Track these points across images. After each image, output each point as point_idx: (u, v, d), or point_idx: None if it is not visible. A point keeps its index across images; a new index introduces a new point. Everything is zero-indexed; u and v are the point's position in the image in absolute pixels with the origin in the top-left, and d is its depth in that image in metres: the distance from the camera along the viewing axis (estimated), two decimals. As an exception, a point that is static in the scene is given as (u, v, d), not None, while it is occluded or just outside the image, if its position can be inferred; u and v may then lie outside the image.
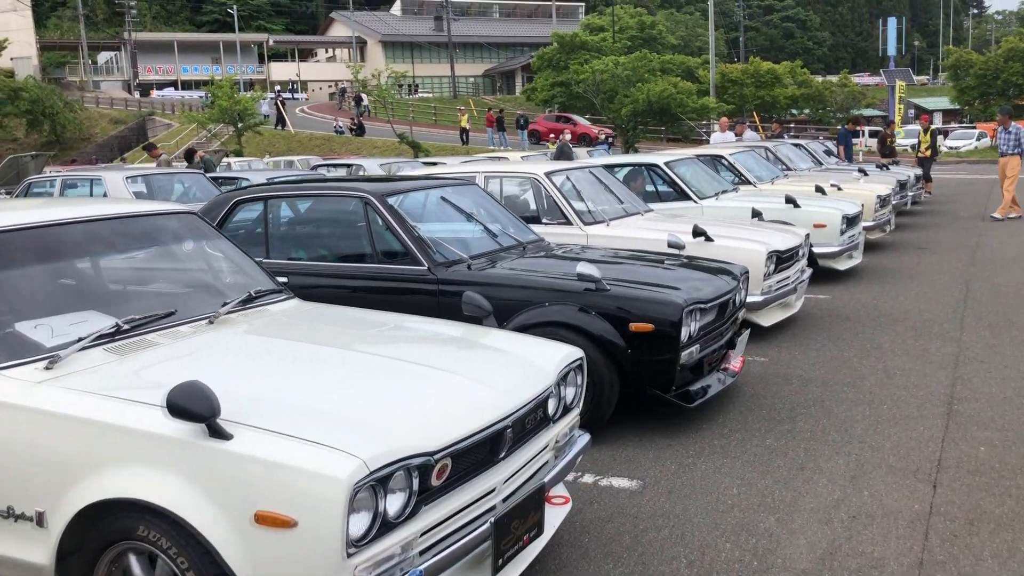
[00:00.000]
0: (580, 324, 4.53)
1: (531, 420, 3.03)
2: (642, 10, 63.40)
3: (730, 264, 5.56)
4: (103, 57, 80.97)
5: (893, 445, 4.43)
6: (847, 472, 4.12)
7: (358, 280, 5.09)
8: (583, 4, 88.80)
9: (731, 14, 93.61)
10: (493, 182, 7.54)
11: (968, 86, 40.18)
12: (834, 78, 47.96)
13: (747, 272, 5.60)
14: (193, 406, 2.33)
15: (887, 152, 19.31)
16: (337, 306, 3.90)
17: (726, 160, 11.35)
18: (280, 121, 42.07)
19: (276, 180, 7.74)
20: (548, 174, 7.19)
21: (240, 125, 37.19)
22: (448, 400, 2.74)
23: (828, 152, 16.49)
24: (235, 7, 66.17)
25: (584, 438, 3.50)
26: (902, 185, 13.46)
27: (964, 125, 40.68)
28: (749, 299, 6.39)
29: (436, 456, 2.50)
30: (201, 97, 53.18)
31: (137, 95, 67.25)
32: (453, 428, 2.61)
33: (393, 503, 2.39)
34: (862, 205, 10.07)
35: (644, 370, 4.53)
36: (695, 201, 9.13)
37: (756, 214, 8.01)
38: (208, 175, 12.81)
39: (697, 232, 6.56)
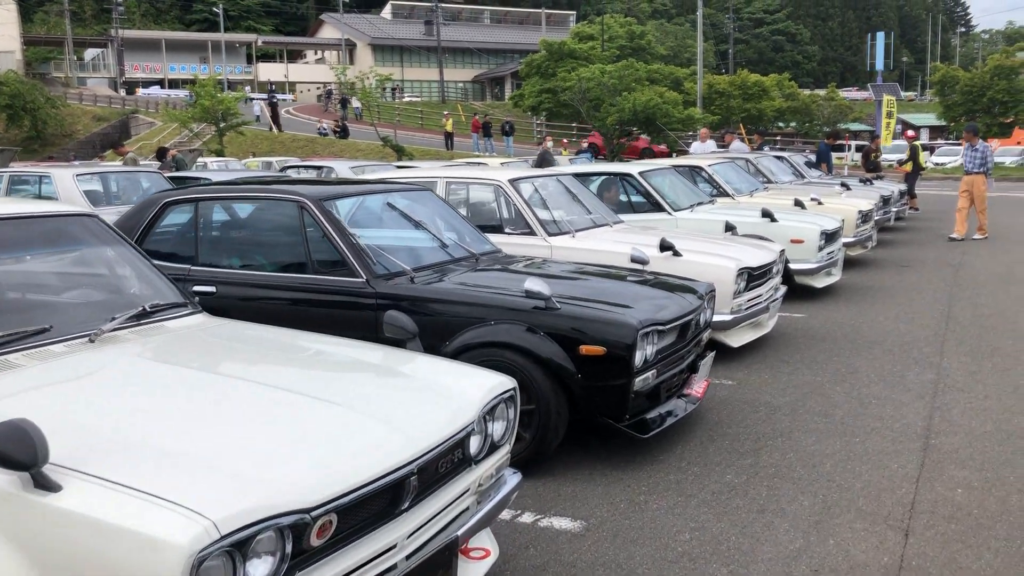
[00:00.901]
0: (527, 345, 4.14)
1: (446, 463, 2.65)
2: (632, 19, 63.29)
3: (694, 281, 5.19)
4: (90, 54, 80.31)
5: (864, 485, 4.07)
6: (812, 516, 3.74)
7: (292, 292, 4.70)
8: (574, 13, 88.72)
9: (721, 26, 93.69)
10: (456, 189, 7.16)
11: (954, 102, 40.12)
12: (821, 92, 47.83)
13: (713, 290, 5.24)
14: (12, 451, 1.93)
15: (871, 167, 19.06)
16: (247, 323, 3.50)
17: (705, 171, 11.03)
18: (274, 123, 41.52)
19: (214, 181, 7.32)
20: (513, 182, 6.82)
21: (222, 125, 36.71)
22: (340, 442, 2.35)
23: (810, 164, 16.19)
24: (221, 7, 65.51)
25: (514, 478, 3.12)
26: (885, 200, 13.17)
27: (950, 141, 40.64)
28: (718, 318, 6.04)
29: (315, 512, 2.11)
30: (186, 96, 52.67)
31: (123, 92, 66.64)
32: (341, 477, 2.22)
33: (257, 571, 2.00)
34: (842, 220, 9.75)
35: (595, 397, 4.15)
36: (669, 213, 8.78)
37: (730, 228, 7.66)
38: (172, 174, 12.38)
39: (664, 246, 6.20)
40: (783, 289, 7.23)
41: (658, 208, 8.85)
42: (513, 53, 76.88)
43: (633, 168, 9.24)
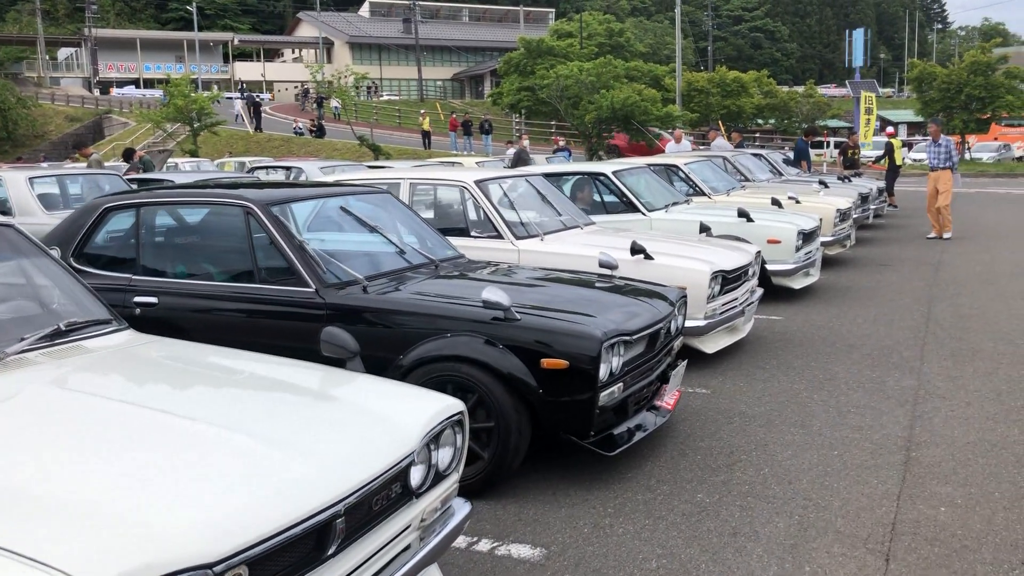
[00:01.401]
0: (485, 359, 3.89)
1: (381, 499, 2.39)
2: (610, 16, 63.15)
3: (665, 287, 4.96)
4: (63, 53, 79.35)
5: (842, 503, 3.85)
6: (787, 539, 3.52)
7: (238, 303, 4.42)
8: (553, 10, 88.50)
9: (700, 23, 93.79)
10: (421, 190, 6.90)
11: (932, 99, 40.14)
12: (800, 89, 47.81)
13: (685, 295, 5.01)
14: None
15: (849, 164, 18.94)
16: (176, 342, 3.23)
17: (681, 170, 10.82)
18: (256, 122, 40.95)
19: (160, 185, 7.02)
20: (479, 183, 6.57)
21: (196, 124, 36.18)
22: (252, 482, 2.09)
23: (788, 162, 16.03)
24: (195, 5, 64.84)
25: (464, 509, 2.87)
26: (864, 198, 13.02)
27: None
28: (691, 323, 5.82)
29: (217, 568, 1.85)
30: (160, 96, 52.07)
31: (97, 92, 65.84)
32: (252, 523, 1.96)
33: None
34: (820, 219, 9.56)
35: (558, 413, 3.91)
36: (643, 213, 8.56)
37: (704, 229, 7.45)
38: (137, 176, 12.05)
39: (635, 249, 5.97)
40: (759, 292, 7.03)
41: (632, 209, 8.64)
42: (492, 51, 76.65)
43: (607, 168, 9.01)
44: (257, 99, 46.06)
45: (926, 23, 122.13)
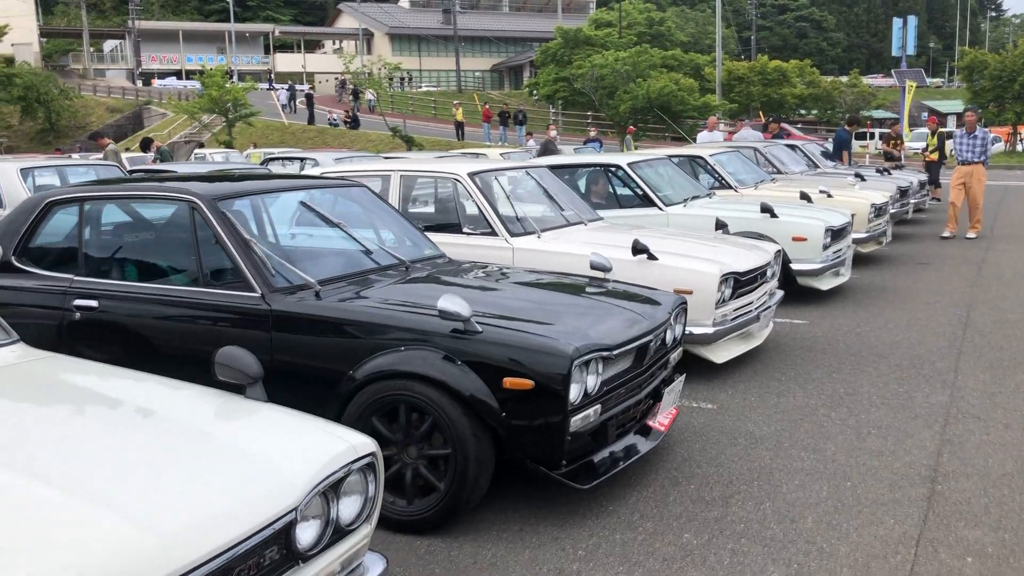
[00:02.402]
0: (441, 377, 3.42)
1: (249, 568, 1.94)
2: (651, 5, 62.09)
3: (660, 293, 4.45)
4: (108, 45, 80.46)
5: (851, 549, 3.32)
6: (781, 595, 3.01)
7: (180, 308, 4.00)
8: (594, 0, 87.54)
9: (744, 13, 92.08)
10: (411, 183, 6.44)
11: (982, 88, 38.74)
12: (844, 78, 46.51)
13: (683, 302, 4.48)
14: None
15: (889, 156, 18.11)
16: (67, 361, 2.80)
17: (706, 162, 10.24)
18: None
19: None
20: (472, 175, 6.09)
21: (231, 115, 36.16)
22: (47, 553, 1.64)
23: (826, 154, 15.31)
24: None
25: (377, 567, 2.40)
26: (903, 192, 12.30)
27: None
28: (699, 330, 5.31)
29: None
30: (198, 87, 52.44)
31: (140, 84, 66.62)
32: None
33: None
34: (852, 215, 8.94)
35: (524, 440, 3.43)
36: (660, 208, 8.02)
37: (721, 226, 6.90)
38: (144, 167, 11.78)
39: (638, 249, 5.45)
40: (779, 295, 6.46)
41: (648, 203, 8.09)
42: (532, 41, 75.93)
43: (622, 159, 8.47)
44: (299, 89, 46.47)
45: (979, 11, 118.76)
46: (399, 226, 4.99)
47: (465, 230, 6.08)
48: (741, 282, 5.63)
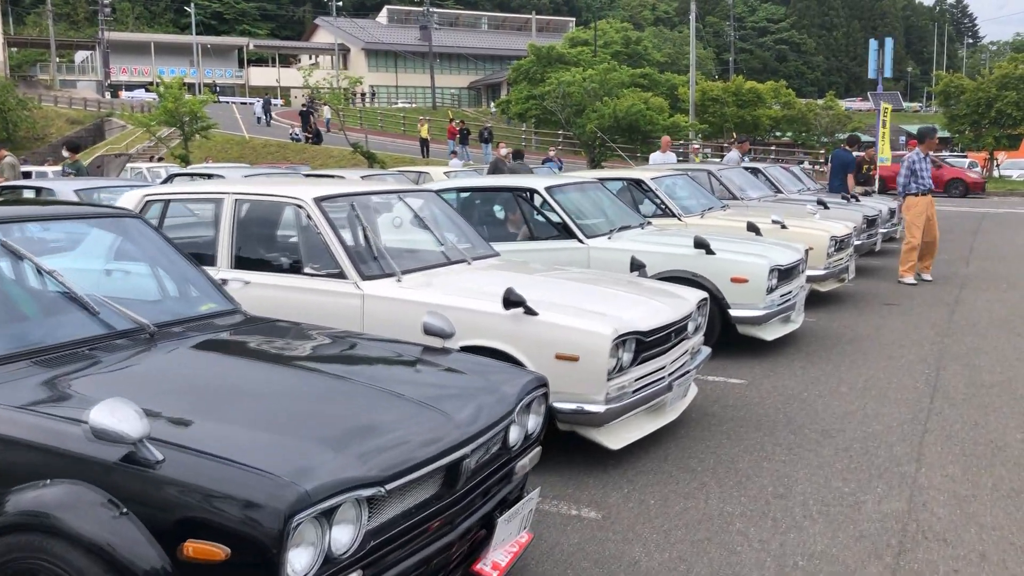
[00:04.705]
0: (91, 537, 2.14)
1: None
2: (628, 25, 61.28)
3: (515, 371, 3.22)
4: (80, 56, 79.22)
5: None
6: None
7: None
8: (573, 19, 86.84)
9: (724, 35, 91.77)
10: (248, 208, 5.18)
11: (959, 113, 37.95)
12: (820, 101, 45.71)
13: (543, 384, 3.24)
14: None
15: (863, 180, 17.00)
16: None
17: (647, 186, 9.06)
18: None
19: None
20: (320, 200, 4.84)
21: (187, 129, 34.81)
22: None
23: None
24: (193, 8, 64.32)
25: None
26: (870, 221, 11.15)
27: (955, 154, 38.51)
28: (589, 407, 4.09)
29: None
30: (151, 99, 51.48)
31: (108, 95, 65.37)
32: None
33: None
34: (808, 249, 7.77)
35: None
36: (580, 241, 6.82)
37: (637, 266, 5.68)
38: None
39: (511, 300, 4.21)
40: (704, 353, 5.24)
41: (568, 234, 6.90)
42: (510, 59, 75.29)
43: (538, 182, 7.26)
44: (275, 103, 46.49)
45: (956, 37, 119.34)
46: (181, 271, 3.73)
47: (307, 270, 4.83)
48: (647, 343, 4.40)
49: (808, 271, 7.81)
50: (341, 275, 4.68)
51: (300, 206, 4.86)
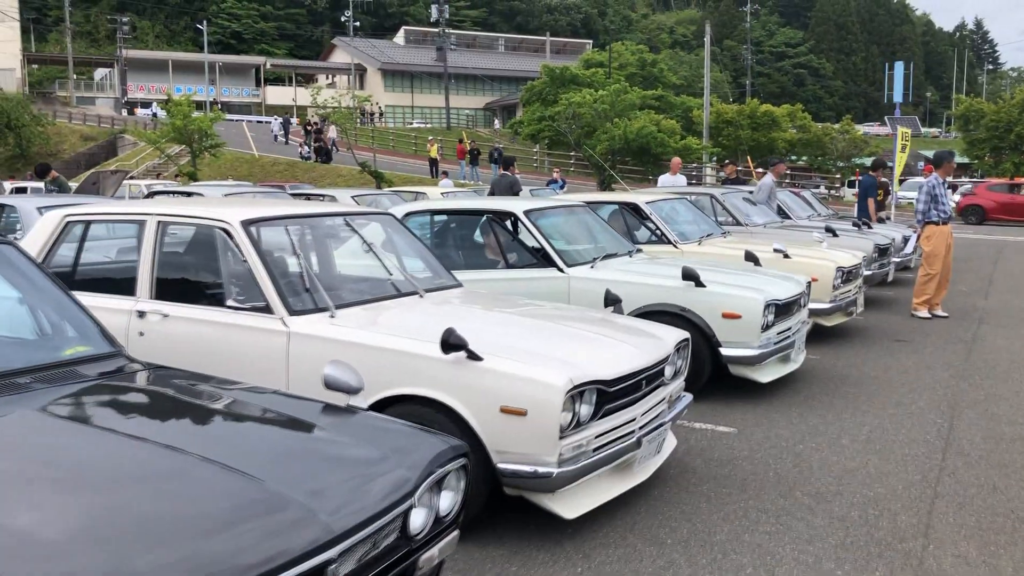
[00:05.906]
0: None
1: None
2: (643, 47, 60.84)
3: (432, 435, 2.64)
4: (99, 74, 79.87)
5: None
6: None
7: None
8: (591, 42, 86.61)
9: (742, 58, 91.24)
10: (171, 231, 4.64)
11: (978, 138, 37.19)
12: (836, 125, 45.00)
13: (464, 453, 2.66)
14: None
15: (878, 205, 16.35)
16: None
17: (643, 210, 8.48)
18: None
19: None
20: (248, 224, 4.29)
21: (195, 147, 34.66)
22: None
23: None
24: (205, 27, 64.71)
25: None
26: (882, 250, 10.50)
27: (974, 180, 37.78)
28: (541, 469, 3.51)
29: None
30: (154, 114, 51.92)
31: (125, 112, 65.84)
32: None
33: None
34: (811, 281, 7.16)
35: None
36: (560, 270, 6.24)
37: (613, 301, 5.09)
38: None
39: (450, 343, 3.63)
40: (685, 401, 4.63)
41: (548, 262, 6.32)
42: (526, 80, 75.31)
43: (517, 206, 6.69)
44: (292, 122, 47.16)
45: (976, 63, 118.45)
46: (47, 305, 3.17)
47: (230, 303, 4.27)
48: (611, 393, 3.80)
49: (812, 304, 7.21)
50: (267, 309, 4.12)
51: (225, 230, 4.31)
